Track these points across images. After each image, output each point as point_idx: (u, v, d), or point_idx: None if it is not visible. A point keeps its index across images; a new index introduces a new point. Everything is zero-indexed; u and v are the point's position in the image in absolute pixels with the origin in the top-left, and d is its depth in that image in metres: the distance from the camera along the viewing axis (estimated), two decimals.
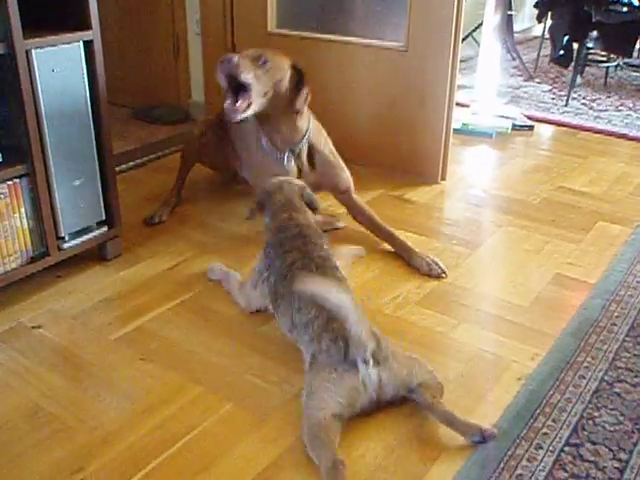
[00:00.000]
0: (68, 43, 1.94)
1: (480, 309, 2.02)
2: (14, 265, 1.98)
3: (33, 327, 1.92)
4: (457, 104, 3.53)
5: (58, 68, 1.93)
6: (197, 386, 1.69)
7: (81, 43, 1.97)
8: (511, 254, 2.35)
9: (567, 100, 4.24)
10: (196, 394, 1.66)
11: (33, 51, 1.85)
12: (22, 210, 1.96)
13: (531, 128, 3.72)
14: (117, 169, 2.23)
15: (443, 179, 2.95)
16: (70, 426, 1.56)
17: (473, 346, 1.85)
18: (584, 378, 1.71)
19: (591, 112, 4.08)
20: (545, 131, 3.77)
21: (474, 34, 4.86)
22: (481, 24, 4.57)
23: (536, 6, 4.43)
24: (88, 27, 1.98)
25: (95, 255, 2.25)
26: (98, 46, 2.02)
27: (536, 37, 5.65)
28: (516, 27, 5.35)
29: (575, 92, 4.41)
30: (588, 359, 1.79)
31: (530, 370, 1.74)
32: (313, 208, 1.99)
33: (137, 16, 3.72)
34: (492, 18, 4.25)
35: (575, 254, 2.34)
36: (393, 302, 2.05)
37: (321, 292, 1.53)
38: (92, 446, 1.50)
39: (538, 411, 1.59)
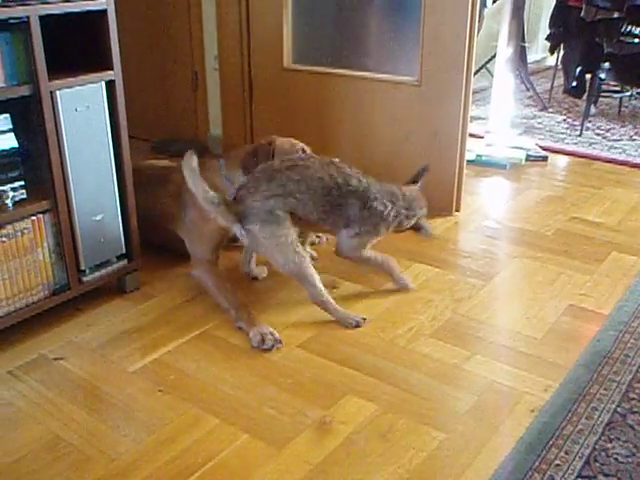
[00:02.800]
0: (91, 83, 2.01)
1: (493, 341, 2.04)
2: (36, 298, 2.04)
3: (54, 359, 1.96)
4: (471, 135, 3.58)
5: (81, 107, 2.00)
6: (213, 418, 1.72)
7: (103, 83, 2.04)
8: (524, 285, 2.37)
9: (581, 130, 4.27)
10: (212, 426, 1.69)
11: (57, 92, 1.92)
12: (45, 244, 2.02)
13: (545, 159, 3.75)
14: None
15: (457, 210, 2.99)
16: (89, 457, 1.59)
17: (486, 378, 1.86)
18: (597, 410, 1.72)
19: (605, 142, 4.10)
20: (559, 162, 3.80)
21: (488, 65, 4.92)
22: (494, 56, 4.63)
23: (548, 39, 4.49)
24: (110, 67, 2.06)
25: (114, 288, 2.30)
26: (119, 85, 2.09)
27: (550, 67, 5.70)
28: (530, 58, 5.41)
29: (589, 122, 4.44)
30: (601, 391, 1.80)
31: (543, 402, 1.76)
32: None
33: (157, 52, 3.82)
34: (505, 50, 4.30)
35: (588, 285, 2.36)
36: (407, 334, 2.08)
37: None
38: (110, 477, 1.53)
39: (551, 443, 1.60)
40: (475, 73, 4.73)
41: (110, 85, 2.07)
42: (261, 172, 2.09)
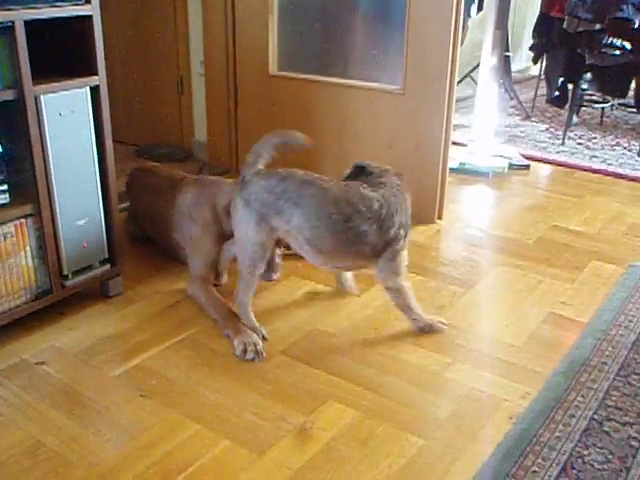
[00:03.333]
0: (75, 88, 2.01)
1: (474, 348, 2.06)
2: (18, 302, 2.03)
3: (36, 363, 1.96)
4: (454, 143, 3.61)
5: (65, 112, 2.00)
6: (194, 423, 1.72)
7: (88, 88, 2.05)
8: (505, 293, 2.40)
9: (563, 139, 4.32)
10: (194, 431, 1.70)
11: (42, 97, 1.92)
12: (27, 249, 2.02)
13: (527, 167, 3.79)
14: (119, 207, 2.29)
15: (439, 218, 3.01)
16: (70, 462, 1.59)
17: (466, 385, 1.88)
18: (574, 417, 1.74)
19: (587, 151, 4.15)
20: (541, 170, 3.84)
21: (472, 74, 4.96)
22: (479, 65, 4.67)
23: (531, 49, 4.54)
24: (95, 73, 2.06)
25: (97, 293, 2.30)
26: (104, 91, 2.10)
27: (533, 77, 5.75)
28: (514, 67, 5.46)
29: (571, 131, 4.49)
30: (579, 398, 1.82)
31: (521, 409, 1.78)
32: None
33: (143, 57, 3.82)
34: (489, 59, 4.34)
35: (568, 293, 2.39)
36: (388, 341, 2.09)
37: None
38: None
39: (528, 449, 1.62)
40: (459, 82, 4.77)
41: (95, 90, 2.08)
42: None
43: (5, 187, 1.96)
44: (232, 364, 1.97)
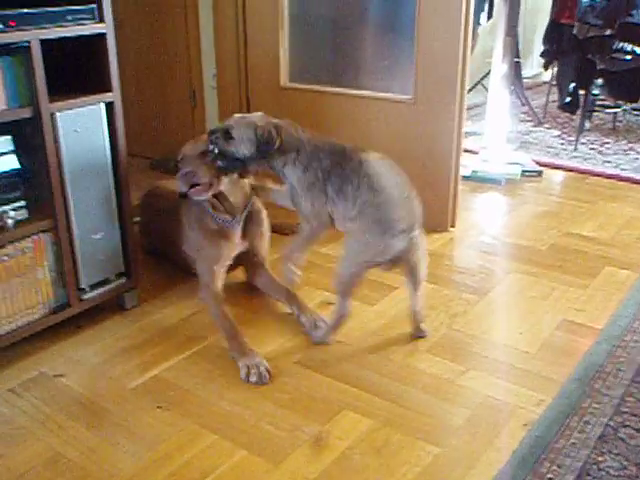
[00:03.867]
0: (90, 105, 2.04)
1: (488, 356, 2.07)
2: (37, 316, 2.07)
3: (55, 376, 1.99)
4: (466, 151, 3.63)
5: (80, 128, 2.03)
6: (212, 433, 1.74)
7: (102, 104, 2.08)
8: (519, 300, 2.41)
9: (576, 145, 4.32)
10: (211, 441, 1.71)
11: (57, 114, 1.95)
12: (45, 263, 2.05)
13: (540, 174, 3.79)
14: (135, 219, 2.32)
15: (453, 226, 3.02)
16: (89, 473, 1.61)
17: (480, 392, 1.89)
18: (589, 424, 1.75)
19: (599, 157, 4.14)
20: (554, 176, 3.84)
21: (483, 81, 4.97)
22: (489, 72, 4.68)
23: (542, 55, 4.54)
24: (109, 89, 2.09)
25: (114, 305, 2.33)
26: (118, 107, 2.13)
27: (545, 82, 5.76)
28: (525, 73, 5.47)
29: (584, 137, 4.49)
30: (593, 404, 1.82)
31: (536, 416, 1.78)
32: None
33: (156, 72, 3.87)
34: (500, 66, 4.35)
35: (582, 300, 2.39)
36: (403, 349, 2.11)
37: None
38: None
39: (543, 456, 1.63)
40: (470, 89, 4.78)
41: (109, 106, 2.11)
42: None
43: (23, 203, 2.00)
44: None
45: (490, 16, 4.51)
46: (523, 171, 3.76)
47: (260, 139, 2.05)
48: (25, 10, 1.84)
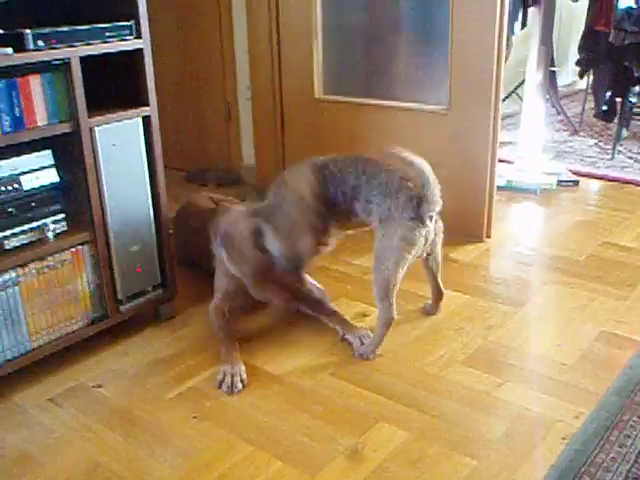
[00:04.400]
0: (128, 119, 2.08)
1: (525, 368, 2.05)
2: (76, 327, 2.10)
3: (93, 387, 2.02)
4: (501, 161, 3.61)
5: (118, 142, 2.07)
6: (248, 445, 1.75)
7: (139, 119, 2.12)
8: (556, 312, 2.38)
9: (613, 154, 4.26)
10: (247, 452, 1.72)
11: (96, 128, 1.99)
12: (84, 275, 2.09)
13: (576, 183, 3.75)
14: (171, 231, 2.35)
15: (488, 237, 3.00)
16: None
17: (517, 405, 1.87)
18: (629, 437, 1.71)
19: (637, 165, 4.08)
20: (591, 186, 3.79)
21: (518, 90, 4.93)
22: (524, 81, 4.65)
23: (577, 64, 4.50)
24: (146, 104, 2.13)
25: (150, 316, 2.35)
26: (155, 120, 2.16)
27: (581, 90, 5.69)
28: (560, 81, 5.42)
29: (621, 145, 4.42)
30: (634, 418, 1.79)
31: (574, 429, 1.76)
32: None
33: (191, 85, 3.92)
34: (535, 75, 4.32)
35: (621, 311, 2.35)
36: (439, 361, 2.09)
37: (409, 156, 2.02)
38: None
39: (582, 470, 1.60)
40: (505, 99, 4.76)
41: (146, 120, 2.15)
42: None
43: (62, 216, 2.04)
44: (283, 386, 1.99)
45: (524, 25, 4.48)
46: (559, 181, 3.72)
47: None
48: (65, 28, 1.88)
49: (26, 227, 1.95)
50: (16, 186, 1.91)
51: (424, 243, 2.05)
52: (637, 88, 4.15)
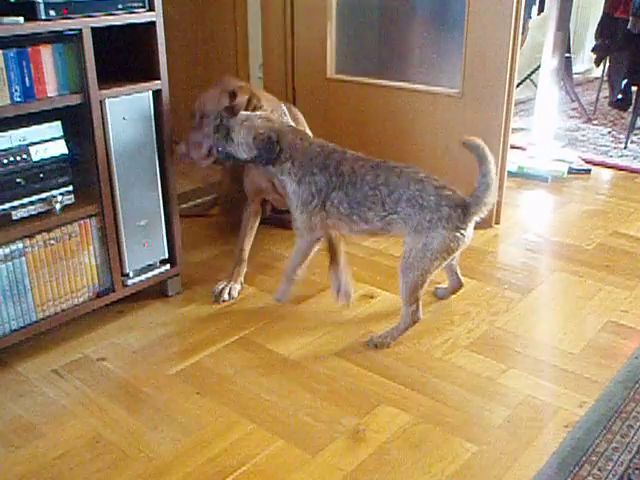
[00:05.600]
0: (138, 93, 2.07)
1: (529, 355, 2.04)
2: (81, 300, 2.10)
3: (97, 359, 2.02)
4: (513, 147, 3.58)
5: (128, 115, 2.06)
6: (250, 422, 1.75)
7: (150, 92, 2.10)
8: (563, 300, 2.36)
9: (626, 143, 4.22)
10: (248, 430, 1.72)
11: (107, 100, 1.98)
12: (90, 248, 2.08)
13: (588, 172, 3.72)
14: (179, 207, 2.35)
15: (497, 223, 2.98)
16: (129, 455, 1.64)
17: (521, 392, 1.86)
18: (632, 428, 1.71)
19: None
20: (603, 175, 3.76)
21: (532, 76, 4.89)
22: (539, 67, 4.60)
23: (594, 51, 4.45)
24: (157, 77, 2.11)
25: (156, 291, 2.35)
26: (166, 95, 2.15)
27: (596, 78, 5.63)
28: (575, 68, 5.37)
29: (635, 135, 4.38)
30: (637, 409, 1.78)
31: (577, 418, 1.75)
32: None
33: (203, 61, 3.89)
34: (550, 61, 4.27)
35: (628, 301, 2.34)
36: (443, 345, 2.09)
37: (484, 150, 1.98)
38: (149, 476, 1.58)
39: (584, 459, 1.60)
40: (519, 84, 4.71)
41: (157, 94, 2.13)
42: None
43: (70, 188, 2.03)
44: (287, 365, 1.99)
45: (541, 9, 4.42)
46: (571, 169, 3.69)
47: (259, 146, 2.04)
48: None
49: (34, 198, 1.95)
50: (25, 157, 1.90)
51: (464, 247, 2.02)
52: None
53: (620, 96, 4.24)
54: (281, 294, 2.27)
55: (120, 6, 1.97)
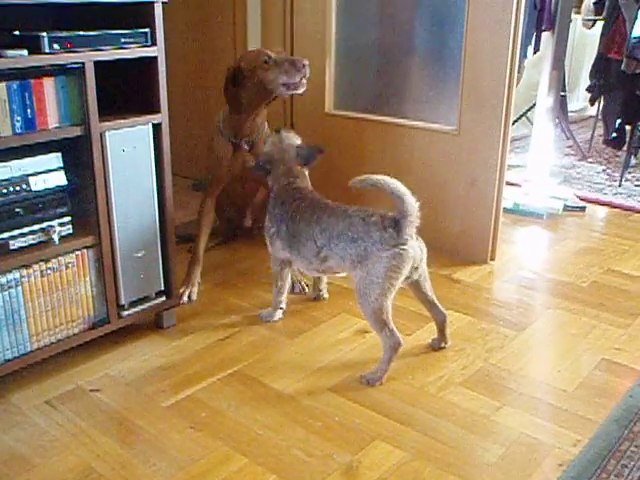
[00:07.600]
0: (138, 125, 2.09)
1: (524, 392, 2.04)
2: (77, 330, 2.10)
3: (91, 390, 2.01)
4: (509, 183, 3.61)
5: (128, 148, 2.07)
6: (242, 457, 1.74)
7: (150, 125, 2.12)
8: (557, 337, 2.37)
9: (620, 181, 4.26)
10: (241, 465, 1.71)
11: (107, 133, 2.00)
12: (87, 279, 2.09)
13: (583, 209, 3.75)
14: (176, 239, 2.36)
15: (492, 259, 3.00)
16: None
17: (515, 430, 1.86)
18: (626, 467, 1.70)
19: None
20: (597, 212, 3.79)
21: (528, 114, 4.94)
22: (534, 105, 4.66)
23: (588, 90, 4.51)
24: (157, 111, 2.14)
25: (151, 323, 2.35)
26: (165, 128, 2.17)
27: (591, 117, 5.70)
28: (571, 107, 5.43)
29: (629, 173, 4.43)
30: (632, 448, 1.78)
31: (572, 456, 1.75)
32: (311, 161, 2.35)
33: (202, 94, 3.93)
34: (546, 99, 4.33)
35: (623, 339, 2.34)
36: (437, 382, 2.08)
37: (378, 179, 2.03)
38: None
39: None
40: (515, 122, 4.76)
41: (156, 127, 2.15)
42: None
43: (68, 219, 2.04)
44: (281, 399, 1.99)
45: (537, 49, 4.50)
46: (566, 206, 3.72)
47: (261, 158, 2.37)
48: (81, 32, 1.89)
49: (32, 228, 1.96)
50: (24, 187, 1.92)
51: (412, 263, 2.02)
52: None
53: (614, 135, 4.29)
54: (265, 315, 2.45)
55: (123, 40, 1.99)
